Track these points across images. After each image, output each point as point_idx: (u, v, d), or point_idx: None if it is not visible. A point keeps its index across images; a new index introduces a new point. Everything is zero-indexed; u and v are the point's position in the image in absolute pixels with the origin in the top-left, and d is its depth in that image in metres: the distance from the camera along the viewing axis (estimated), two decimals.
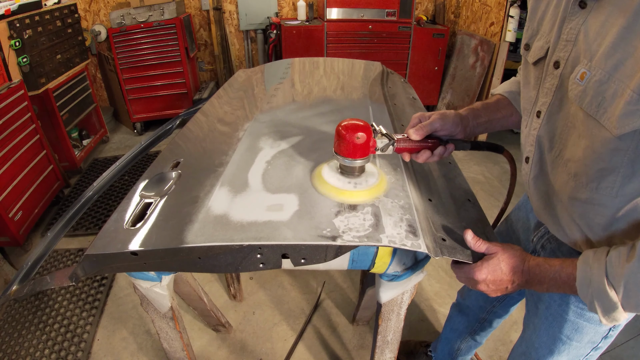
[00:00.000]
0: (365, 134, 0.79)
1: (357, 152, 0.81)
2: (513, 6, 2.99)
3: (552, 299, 0.87)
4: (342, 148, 0.81)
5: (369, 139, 0.80)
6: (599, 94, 0.60)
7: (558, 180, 0.75)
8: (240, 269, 0.79)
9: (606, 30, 0.59)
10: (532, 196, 0.86)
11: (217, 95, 1.60)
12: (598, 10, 0.61)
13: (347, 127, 0.79)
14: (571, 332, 0.86)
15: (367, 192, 0.85)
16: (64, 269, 0.86)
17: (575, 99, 0.64)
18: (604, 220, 0.69)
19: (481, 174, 3.06)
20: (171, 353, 1.22)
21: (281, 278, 2.06)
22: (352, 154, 0.81)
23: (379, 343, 1.13)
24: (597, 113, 0.61)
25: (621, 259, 0.60)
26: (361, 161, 0.82)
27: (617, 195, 0.65)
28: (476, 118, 0.92)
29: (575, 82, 0.64)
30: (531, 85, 0.80)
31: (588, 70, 0.62)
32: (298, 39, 3.61)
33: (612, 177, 0.64)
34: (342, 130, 0.79)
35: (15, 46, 2.34)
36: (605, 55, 0.59)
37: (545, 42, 0.74)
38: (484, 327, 1.32)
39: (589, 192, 0.68)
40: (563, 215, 0.77)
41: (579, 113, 0.65)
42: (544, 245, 0.89)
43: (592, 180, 0.67)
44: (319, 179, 0.89)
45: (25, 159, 2.30)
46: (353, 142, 0.79)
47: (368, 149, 0.81)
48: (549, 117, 0.74)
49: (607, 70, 0.58)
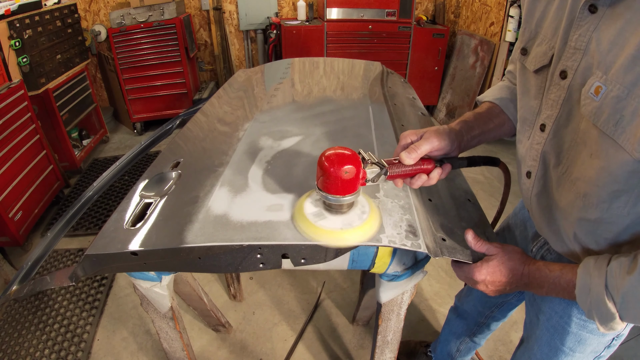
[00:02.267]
0: (354, 166, 0.67)
1: (345, 188, 0.69)
2: (513, 6, 2.99)
3: (554, 310, 0.85)
4: (327, 184, 0.69)
5: (359, 172, 0.69)
6: (617, 111, 0.54)
7: (564, 198, 0.70)
8: (240, 269, 0.79)
9: (624, 40, 0.53)
10: (533, 212, 0.82)
11: (217, 95, 1.60)
12: (612, 16, 0.55)
13: (331, 160, 0.67)
14: (574, 344, 0.84)
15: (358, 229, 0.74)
16: (64, 269, 0.86)
17: (590, 115, 0.58)
18: (611, 235, 0.66)
19: (481, 174, 3.06)
20: (171, 353, 1.22)
21: (281, 278, 2.06)
22: (339, 191, 0.70)
23: (379, 343, 1.13)
24: (615, 133, 0.55)
25: (622, 271, 0.58)
26: (350, 197, 0.71)
27: (628, 214, 0.61)
28: (469, 131, 0.85)
29: (588, 96, 0.58)
30: (531, 95, 0.74)
31: (604, 85, 0.55)
32: (298, 39, 3.61)
33: (625, 197, 0.59)
34: (326, 164, 0.67)
35: (15, 46, 2.34)
36: (624, 68, 0.52)
37: (549, 48, 0.68)
38: (482, 330, 1.31)
39: (599, 213, 0.64)
40: (567, 232, 0.73)
41: (592, 130, 0.59)
42: (543, 256, 0.87)
43: (604, 201, 0.62)
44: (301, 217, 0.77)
45: (25, 159, 2.30)
46: (340, 178, 0.67)
47: (357, 182, 0.70)
48: (556, 131, 0.69)
49: (626, 86, 0.52)
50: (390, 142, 1.10)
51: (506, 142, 3.49)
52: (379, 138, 1.12)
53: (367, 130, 1.16)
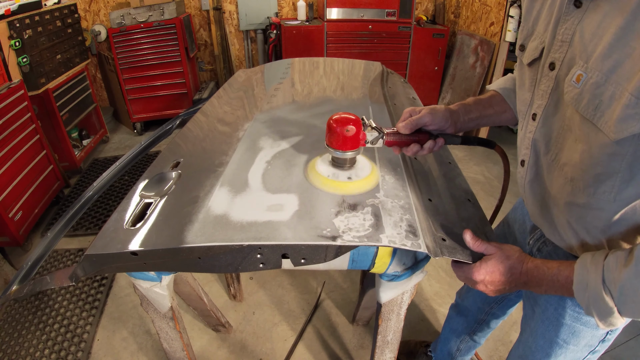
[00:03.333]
0: (355, 127, 0.81)
1: (347, 144, 0.83)
2: (513, 6, 2.98)
3: (549, 302, 0.86)
4: (333, 140, 0.83)
5: (359, 132, 0.82)
6: (596, 96, 0.58)
7: (554, 184, 0.74)
8: (240, 269, 0.79)
9: (603, 31, 0.57)
10: (527, 200, 0.85)
11: (217, 95, 1.60)
12: (594, 9, 0.59)
13: (337, 121, 0.81)
14: (568, 336, 0.85)
15: (359, 183, 0.87)
16: (64, 269, 0.86)
17: (571, 101, 0.63)
18: (601, 224, 0.68)
19: (481, 174, 3.06)
20: (171, 353, 1.22)
21: (281, 278, 2.06)
22: (342, 146, 0.83)
23: (379, 343, 1.13)
24: (594, 117, 0.59)
25: (618, 264, 0.59)
26: (351, 153, 0.84)
27: (615, 200, 0.64)
28: (467, 113, 0.91)
29: (571, 84, 0.62)
30: (526, 87, 0.78)
31: (584, 72, 0.59)
32: (298, 39, 3.61)
33: (610, 182, 0.62)
34: (332, 124, 0.82)
35: (15, 46, 2.34)
36: (602, 56, 0.56)
37: (540, 43, 0.72)
38: (482, 328, 1.32)
39: (586, 197, 0.67)
40: (559, 220, 0.76)
41: (575, 116, 0.63)
42: (540, 249, 0.89)
43: (589, 185, 0.65)
44: (312, 170, 0.92)
45: (25, 159, 2.30)
46: (343, 135, 0.81)
47: (358, 141, 0.83)
48: (545, 119, 0.73)
49: (604, 72, 0.56)
50: None
51: (505, 140, 3.49)
52: None
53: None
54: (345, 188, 0.86)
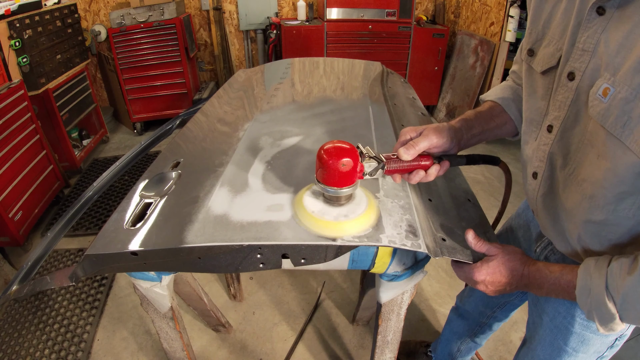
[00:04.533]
0: (352, 159, 0.70)
1: (342, 180, 0.72)
2: (513, 6, 2.99)
3: (557, 311, 0.85)
4: (325, 176, 0.72)
5: (356, 165, 0.71)
6: (625, 113, 0.54)
7: (570, 199, 0.70)
8: (240, 269, 0.79)
9: (632, 43, 0.53)
10: (539, 213, 0.82)
11: (217, 95, 1.60)
12: (620, 19, 0.55)
13: (330, 153, 0.69)
14: (577, 344, 0.84)
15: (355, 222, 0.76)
16: (64, 269, 0.86)
17: (597, 117, 0.58)
18: (616, 237, 0.66)
19: (481, 174, 3.06)
20: (171, 353, 1.22)
21: (281, 278, 2.06)
22: (337, 183, 0.72)
23: (379, 343, 1.13)
24: (622, 134, 0.55)
25: (622, 271, 0.58)
26: (347, 190, 0.73)
27: (634, 216, 0.61)
28: (469, 129, 0.85)
29: (596, 97, 0.58)
30: (539, 96, 0.74)
31: (612, 86, 0.56)
32: (298, 39, 3.61)
33: (631, 199, 0.60)
34: (324, 156, 0.70)
35: (15, 46, 2.34)
36: (633, 70, 0.53)
37: (556, 50, 0.68)
38: (483, 330, 1.31)
39: (604, 214, 0.64)
40: (572, 233, 0.73)
41: (600, 132, 0.59)
42: (547, 257, 0.87)
43: (610, 203, 0.62)
44: (300, 208, 0.80)
45: (25, 159, 2.30)
46: (338, 170, 0.70)
47: (354, 175, 0.73)
48: (563, 132, 0.69)
49: (635, 88, 0.53)
50: (390, 142, 1.10)
51: (506, 143, 3.49)
52: (379, 138, 1.12)
53: (367, 130, 1.16)
54: (340, 229, 0.75)
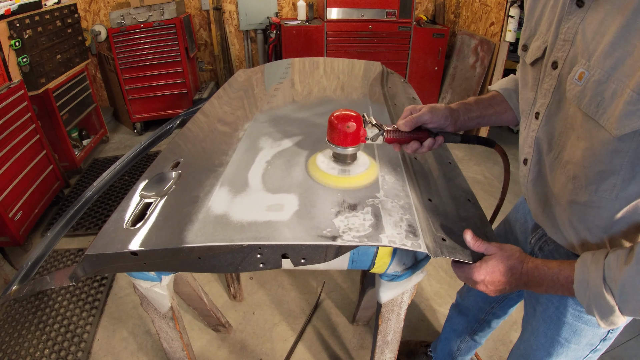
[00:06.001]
0: (356, 123, 0.83)
1: (348, 140, 0.85)
2: (513, 6, 2.99)
3: (550, 301, 0.87)
4: (334, 137, 0.85)
5: (359, 128, 0.84)
6: (598, 94, 0.59)
7: (557, 182, 0.74)
8: (240, 269, 0.79)
9: (604, 29, 0.58)
10: (530, 199, 0.85)
11: (217, 95, 1.60)
12: (596, 9, 0.60)
13: (338, 117, 0.83)
14: (569, 335, 0.85)
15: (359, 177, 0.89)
16: (64, 269, 0.86)
17: (574, 99, 0.63)
18: (603, 222, 0.68)
19: (481, 174, 3.06)
20: (171, 353, 1.22)
21: (281, 278, 2.06)
22: (343, 142, 0.85)
23: (379, 343, 1.13)
24: (596, 114, 0.60)
25: (619, 262, 0.59)
26: (352, 149, 0.86)
27: (617, 198, 0.64)
28: (467, 112, 0.92)
29: (573, 82, 0.63)
30: (529, 87, 0.79)
31: (586, 70, 0.60)
32: (298, 39, 3.61)
33: (612, 180, 0.63)
34: (334, 120, 0.84)
35: (15, 46, 2.34)
36: (604, 54, 0.57)
37: (543, 42, 0.73)
38: (483, 327, 1.32)
39: (588, 195, 0.67)
40: (561, 218, 0.76)
41: (578, 114, 0.64)
42: (541, 247, 0.89)
43: (591, 183, 0.66)
44: (312, 165, 0.94)
45: (25, 159, 2.30)
46: (344, 131, 0.83)
47: (358, 137, 0.85)
48: (548, 118, 0.73)
49: (606, 70, 0.57)
50: None
51: (505, 140, 3.49)
52: None
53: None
54: (346, 183, 0.87)
